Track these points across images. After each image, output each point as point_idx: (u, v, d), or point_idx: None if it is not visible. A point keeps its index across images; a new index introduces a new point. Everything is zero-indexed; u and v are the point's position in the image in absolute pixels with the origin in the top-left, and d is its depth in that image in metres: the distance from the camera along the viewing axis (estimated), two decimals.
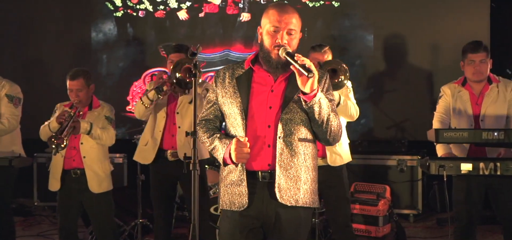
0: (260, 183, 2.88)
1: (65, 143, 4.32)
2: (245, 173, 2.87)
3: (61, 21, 7.44)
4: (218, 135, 2.94)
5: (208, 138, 2.97)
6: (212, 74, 6.71)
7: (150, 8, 7.24)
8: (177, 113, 4.57)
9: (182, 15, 7.21)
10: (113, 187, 4.74)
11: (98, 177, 4.55)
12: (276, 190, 2.84)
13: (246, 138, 2.81)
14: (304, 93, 2.77)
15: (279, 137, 2.85)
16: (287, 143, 2.86)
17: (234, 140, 2.80)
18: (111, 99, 5.60)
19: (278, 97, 2.90)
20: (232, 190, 2.90)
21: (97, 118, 4.60)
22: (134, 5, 7.25)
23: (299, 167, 2.88)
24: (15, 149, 4.90)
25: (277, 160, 2.84)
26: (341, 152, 4.44)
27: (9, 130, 4.82)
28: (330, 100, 2.93)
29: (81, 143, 4.51)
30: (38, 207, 7.18)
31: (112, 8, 7.31)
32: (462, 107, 4.28)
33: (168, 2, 7.19)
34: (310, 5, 6.94)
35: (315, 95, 2.77)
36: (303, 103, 2.80)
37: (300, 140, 2.88)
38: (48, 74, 7.45)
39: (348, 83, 4.48)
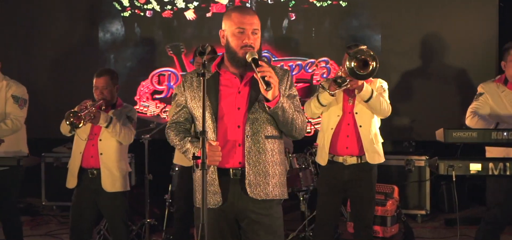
0: (232, 180, 3.04)
1: (81, 124, 4.29)
2: (216, 173, 3.03)
3: (69, 21, 7.44)
4: (189, 138, 3.08)
5: (179, 141, 3.12)
6: None
7: (157, 8, 7.24)
8: None
9: (190, 15, 7.21)
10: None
11: (113, 176, 4.54)
12: (247, 186, 3.01)
13: (217, 142, 2.94)
14: (266, 100, 2.94)
15: (247, 136, 3.02)
16: (254, 141, 3.03)
17: (207, 143, 2.86)
18: None
19: (244, 98, 3.06)
20: (202, 189, 2.92)
21: (119, 116, 4.60)
22: (141, 5, 7.25)
23: (266, 163, 3.04)
24: (23, 149, 4.96)
25: (246, 158, 3.01)
26: (379, 150, 4.45)
27: (12, 131, 4.85)
28: (293, 96, 3.13)
29: (100, 140, 4.51)
30: (46, 207, 7.19)
31: (120, 8, 7.31)
32: (508, 106, 4.23)
33: (175, 2, 7.19)
34: (318, 4, 6.91)
35: (276, 102, 2.93)
36: (267, 108, 2.97)
37: (267, 137, 3.05)
38: (56, 74, 7.46)
39: (384, 84, 4.49)
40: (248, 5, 7.11)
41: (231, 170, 3.05)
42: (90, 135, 4.54)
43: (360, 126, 4.34)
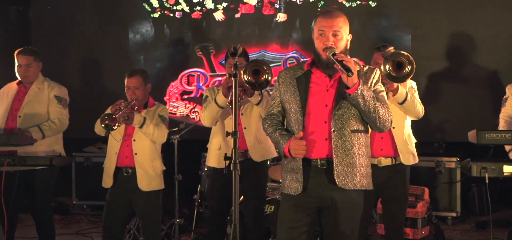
0: (319, 169, 3.28)
1: (116, 126, 4.33)
2: (301, 163, 3.28)
3: (100, 23, 7.54)
4: (280, 130, 3.38)
5: (271, 132, 3.42)
6: None
7: (186, 9, 7.28)
8: (242, 114, 4.60)
9: (218, 15, 7.24)
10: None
11: (148, 175, 4.57)
12: (335, 176, 3.23)
13: (302, 137, 3.23)
14: (347, 87, 3.17)
15: (334, 131, 3.25)
16: (341, 135, 3.26)
17: (292, 138, 3.24)
18: None
19: (332, 95, 3.29)
20: (291, 176, 3.33)
21: (151, 116, 4.63)
22: (171, 6, 7.31)
23: (354, 155, 3.27)
24: (56, 148, 5.02)
25: (333, 150, 3.24)
26: (413, 151, 4.41)
27: (60, 130, 5.00)
28: (379, 92, 3.34)
29: (134, 140, 4.55)
30: (76, 206, 7.27)
31: (149, 9, 7.36)
32: None
33: (204, 3, 7.23)
34: (347, 5, 6.90)
35: (356, 89, 3.15)
36: (347, 95, 3.19)
37: (353, 131, 3.28)
38: (87, 75, 7.57)
39: (413, 84, 4.45)
40: (277, 6, 7.11)
41: (319, 161, 3.27)
42: (125, 135, 4.57)
43: (393, 127, 4.30)
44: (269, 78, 4.16)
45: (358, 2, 6.91)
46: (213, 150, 4.68)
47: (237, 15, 7.20)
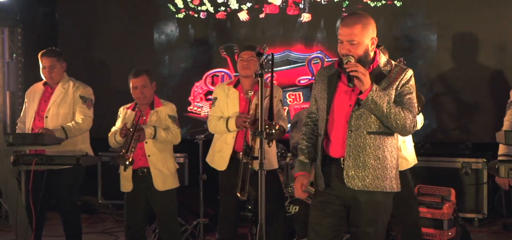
0: (339, 168, 3.34)
1: (131, 160, 4.38)
2: (320, 160, 3.39)
3: (125, 24, 7.62)
4: (299, 158, 3.54)
5: (298, 154, 3.60)
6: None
7: (211, 9, 7.31)
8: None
9: (243, 16, 7.25)
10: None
11: (163, 175, 4.61)
12: (344, 176, 3.30)
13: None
14: (360, 93, 3.22)
15: (350, 131, 3.30)
16: (356, 136, 3.29)
17: (296, 180, 3.47)
18: (173, 99, 5.66)
19: (356, 96, 3.30)
20: (316, 172, 3.46)
21: (160, 119, 4.67)
22: (195, 7, 7.35)
23: (367, 156, 3.28)
24: (83, 148, 5.07)
25: (346, 150, 3.30)
26: (406, 156, 4.40)
27: (84, 129, 5.03)
28: (405, 94, 3.30)
29: (146, 142, 4.58)
30: (102, 205, 7.36)
31: (174, 10, 7.42)
32: None
33: (229, 3, 7.25)
34: (372, 5, 6.87)
35: (366, 94, 3.17)
36: (360, 101, 3.25)
37: (369, 133, 3.29)
38: (112, 75, 7.66)
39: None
40: (301, 6, 7.11)
41: (341, 160, 3.34)
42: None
43: None
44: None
45: (383, 2, 6.88)
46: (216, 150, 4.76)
47: (262, 15, 7.22)
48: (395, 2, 6.85)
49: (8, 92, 7.40)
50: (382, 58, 3.38)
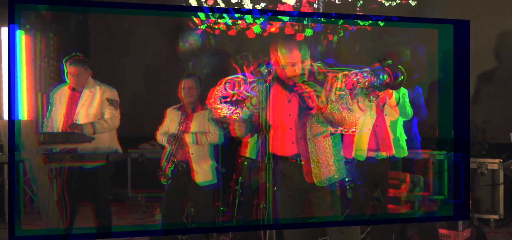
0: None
1: (169, 175, 4.92)
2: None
3: (153, 33, 7.90)
4: None
5: None
6: None
7: (229, 22, 7.67)
8: None
9: (257, 29, 7.56)
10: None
11: (203, 171, 4.99)
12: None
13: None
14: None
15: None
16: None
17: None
18: None
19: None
20: None
21: (201, 123, 5.02)
22: (216, 19, 7.72)
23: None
24: (112, 145, 5.22)
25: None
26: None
27: (111, 127, 5.15)
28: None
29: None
30: (132, 197, 7.51)
31: (197, 22, 7.81)
32: None
33: (244, 16, 7.50)
34: (386, 4, 6.85)
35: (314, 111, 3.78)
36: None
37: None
38: (142, 79, 8.05)
39: (405, 90, 4.88)
40: (315, 6, 7.20)
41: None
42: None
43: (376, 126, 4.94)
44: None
45: (398, 1, 6.80)
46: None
47: (273, 30, 7.37)
48: (410, 1, 6.78)
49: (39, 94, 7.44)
50: None
